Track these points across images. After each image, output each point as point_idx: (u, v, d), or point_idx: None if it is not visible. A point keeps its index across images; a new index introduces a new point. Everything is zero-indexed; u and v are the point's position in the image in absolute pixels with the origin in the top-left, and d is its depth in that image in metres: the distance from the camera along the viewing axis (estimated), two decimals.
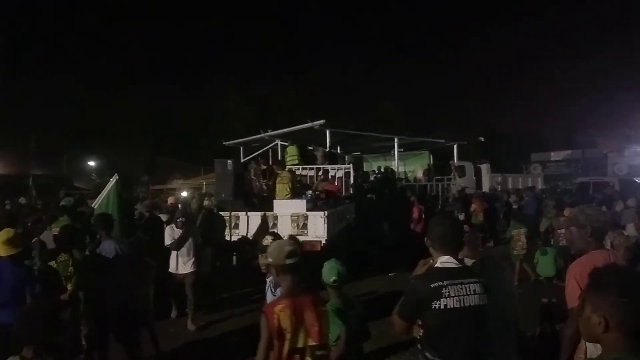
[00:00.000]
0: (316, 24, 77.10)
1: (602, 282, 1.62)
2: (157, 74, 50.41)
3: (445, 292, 2.33)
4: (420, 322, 2.42)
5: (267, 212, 8.71)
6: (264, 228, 8.25)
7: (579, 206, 3.45)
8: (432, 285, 2.34)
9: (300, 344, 2.63)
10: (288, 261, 2.75)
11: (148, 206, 10.38)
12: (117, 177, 7.21)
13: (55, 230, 6.32)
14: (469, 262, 2.94)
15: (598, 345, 2.97)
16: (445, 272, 2.40)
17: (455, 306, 2.33)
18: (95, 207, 7.19)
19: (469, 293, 2.38)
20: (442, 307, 2.32)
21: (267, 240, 3.72)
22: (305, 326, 2.66)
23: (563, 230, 8.23)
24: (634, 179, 21.69)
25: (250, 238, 8.59)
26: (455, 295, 2.34)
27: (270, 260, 2.84)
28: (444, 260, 2.45)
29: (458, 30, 74.00)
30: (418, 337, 2.43)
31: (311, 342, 2.65)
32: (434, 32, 76.23)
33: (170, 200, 11.83)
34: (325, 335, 2.78)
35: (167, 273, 6.67)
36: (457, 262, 2.48)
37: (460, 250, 2.63)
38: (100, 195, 7.40)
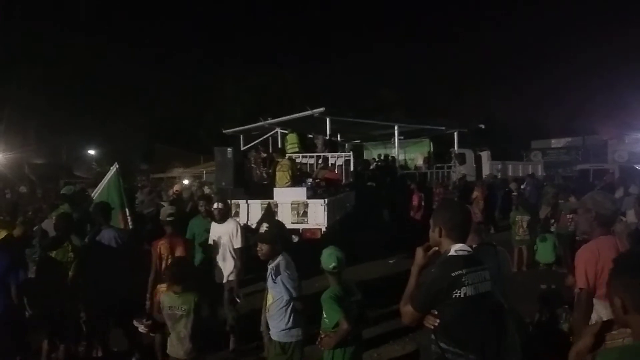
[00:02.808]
0: (316, 11, 76.55)
1: (619, 265, 1.67)
2: (154, 61, 50.19)
3: (465, 281, 2.30)
4: (435, 312, 2.37)
5: (267, 200, 8.72)
6: (266, 215, 8.26)
7: (592, 191, 3.49)
8: (453, 274, 2.30)
9: None
10: (168, 218, 5.09)
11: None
12: (117, 166, 7.19)
13: None
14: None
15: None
16: (462, 260, 2.37)
17: (473, 294, 2.31)
18: (94, 197, 7.16)
19: (481, 280, 2.37)
20: (462, 295, 2.29)
21: (263, 228, 3.82)
22: (176, 253, 4.82)
23: (571, 215, 8.28)
24: (635, 165, 21.69)
25: (253, 226, 8.61)
26: (472, 283, 2.32)
27: (161, 217, 5.27)
28: (459, 248, 2.41)
29: (458, 18, 73.53)
30: (432, 327, 2.37)
31: None
32: (434, 20, 75.70)
33: (176, 187, 11.79)
34: (188, 256, 4.94)
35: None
36: (469, 250, 2.45)
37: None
38: (100, 185, 7.38)
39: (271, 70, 41.79)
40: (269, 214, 8.41)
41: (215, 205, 5.67)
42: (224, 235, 5.54)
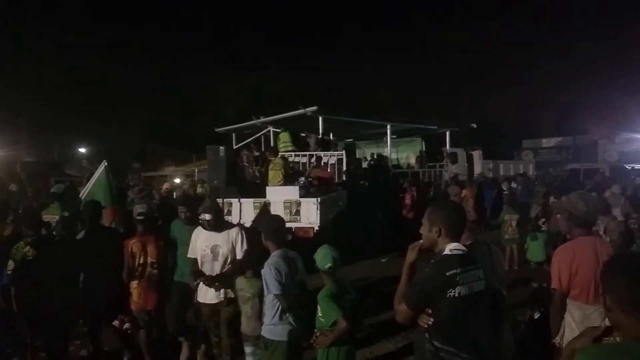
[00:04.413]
0: (311, 10, 76.46)
1: (606, 265, 1.70)
2: (147, 59, 49.93)
3: (460, 280, 2.31)
4: (429, 311, 2.37)
5: (260, 199, 8.70)
6: (263, 214, 8.23)
7: (573, 192, 3.52)
8: (447, 274, 2.31)
9: (144, 261, 4.77)
10: (138, 217, 4.90)
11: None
12: (105, 164, 7.11)
13: (47, 217, 6.26)
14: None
15: (576, 329, 3.07)
16: (457, 259, 2.37)
17: (467, 293, 2.32)
18: (83, 195, 7.05)
19: (476, 279, 2.38)
20: (456, 294, 2.30)
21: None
22: (148, 251, 4.78)
23: (559, 215, 8.36)
24: (624, 165, 21.91)
25: (247, 225, 8.57)
26: (467, 283, 2.33)
27: (133, 215, 5.03)
28: (453, 247, 2.41)
29: (449, 17, 73.63)
30: (426, 325, 2.38)
31: (150, 260, 4.78)
32: (427, 20, 75.78)
33: (166, 185, 11.70)
34: (160, 255, 4.83)
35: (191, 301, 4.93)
36: (464, 249, 2.45)
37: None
38: (88, 183, 7.30)
39: (266, 69, 41.80)
40: (265, 212, 8.38)
41: (202, 217, 4.57)
42: (224, 244, 4.53)
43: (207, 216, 4.54)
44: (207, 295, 4.54)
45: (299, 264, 3.82)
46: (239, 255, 4.54)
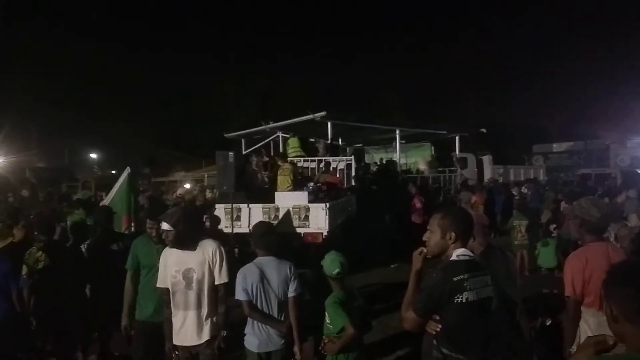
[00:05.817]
0: (318, 14, 76.78)
1: (610, 274, 1.65)
2: (157, 65, 50.39)
3: (467, 286, 2.30)
4: (437, 317, 2.36)
5: (268, 204, 8.70)
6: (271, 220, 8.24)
7: (584, 198, 3.48)
8: (455, 279, 2.30)
9: None
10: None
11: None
12: (129, 171, 7.07)
13: None
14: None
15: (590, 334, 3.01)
16: (464, 265, 2.36)
17: (474, 299, 2.31)
18: (108, 202, 7.04)
19: (483, 285, 2.37)
20: (463, 300, 2.28)
21: None
22: None
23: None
24: (637, 170, 21.68)
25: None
26: (474, 288, 2.32)
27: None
28: (460, 253, 2.40)
29: (460, 22, 73.66)
30: (434, 332, 2.36)
31: None
32: (436, 24, 75.84)
33: (179, 191, 11.75)
34: None
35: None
36: (471, 255, 2.44)
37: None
38: (112, 191, 7.29)
39: (274, 74, 41.95)
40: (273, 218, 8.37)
41: (162, 228, 3.49)
42: (198, 267, 3.48)
43: (166, 225, 3.40)
44: (185, 335, 3.51)
45: (281, 274, 3.59)
46: (219, 279, 3.51)
